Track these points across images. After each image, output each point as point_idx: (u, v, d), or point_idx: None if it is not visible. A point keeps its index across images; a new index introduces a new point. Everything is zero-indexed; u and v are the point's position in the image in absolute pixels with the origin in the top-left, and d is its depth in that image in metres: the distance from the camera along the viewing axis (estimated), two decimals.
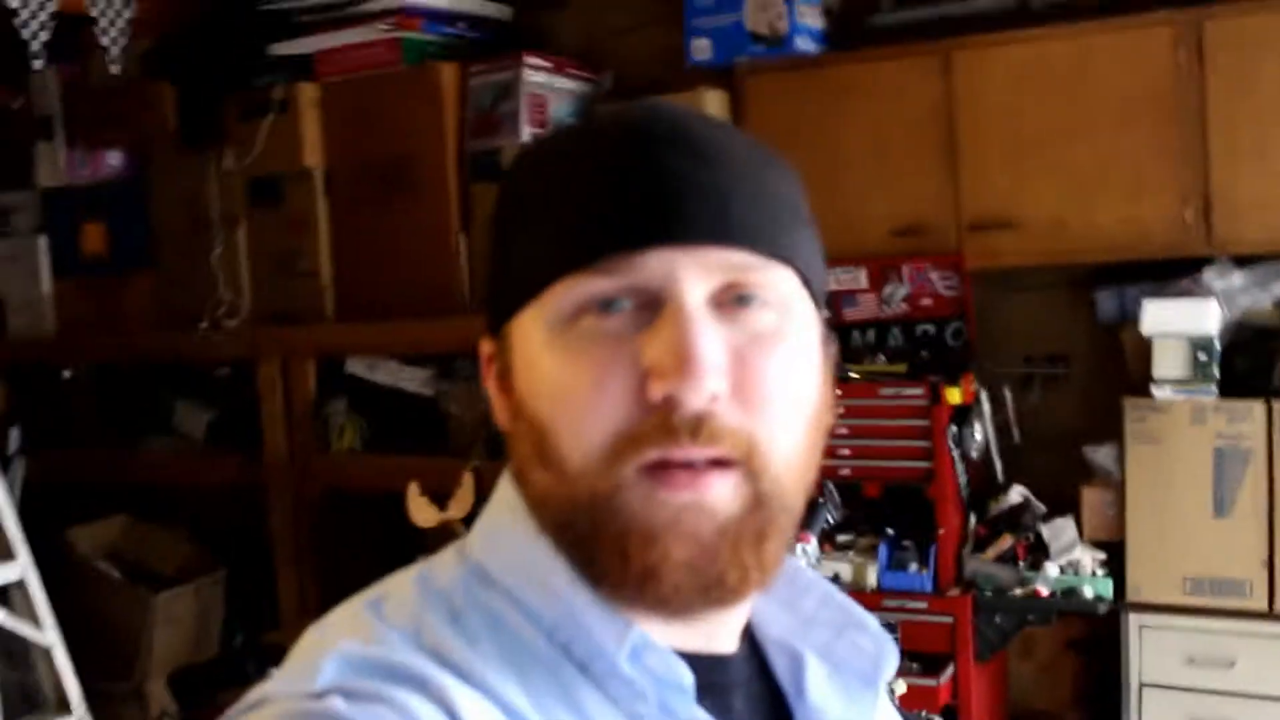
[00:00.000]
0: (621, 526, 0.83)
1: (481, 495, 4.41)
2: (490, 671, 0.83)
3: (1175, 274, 3.94)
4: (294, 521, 5.03)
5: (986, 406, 4.20)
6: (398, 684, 0.79)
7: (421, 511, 4.36)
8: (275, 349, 4.98)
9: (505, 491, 0.94)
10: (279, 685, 0.81)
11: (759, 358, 0.85)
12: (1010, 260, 4.19)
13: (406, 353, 4.93)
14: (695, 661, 0.86)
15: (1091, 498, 4.02)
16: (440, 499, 4.42)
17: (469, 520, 4.29)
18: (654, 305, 0.84)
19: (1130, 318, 3.92)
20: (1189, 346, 3.74)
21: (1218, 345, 3.73)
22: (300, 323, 4.98)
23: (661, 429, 0.81)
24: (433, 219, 4.72)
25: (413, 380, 4.92)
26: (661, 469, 0.82)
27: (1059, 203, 4.00)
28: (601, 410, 0.83)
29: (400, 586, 0.91)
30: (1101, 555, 3.96)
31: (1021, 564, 3.97)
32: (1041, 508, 4.13)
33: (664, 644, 0.86)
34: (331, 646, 0.82)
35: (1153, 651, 3.86)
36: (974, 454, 4.12)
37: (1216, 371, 3.72)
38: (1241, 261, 3.90)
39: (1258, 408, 3.68)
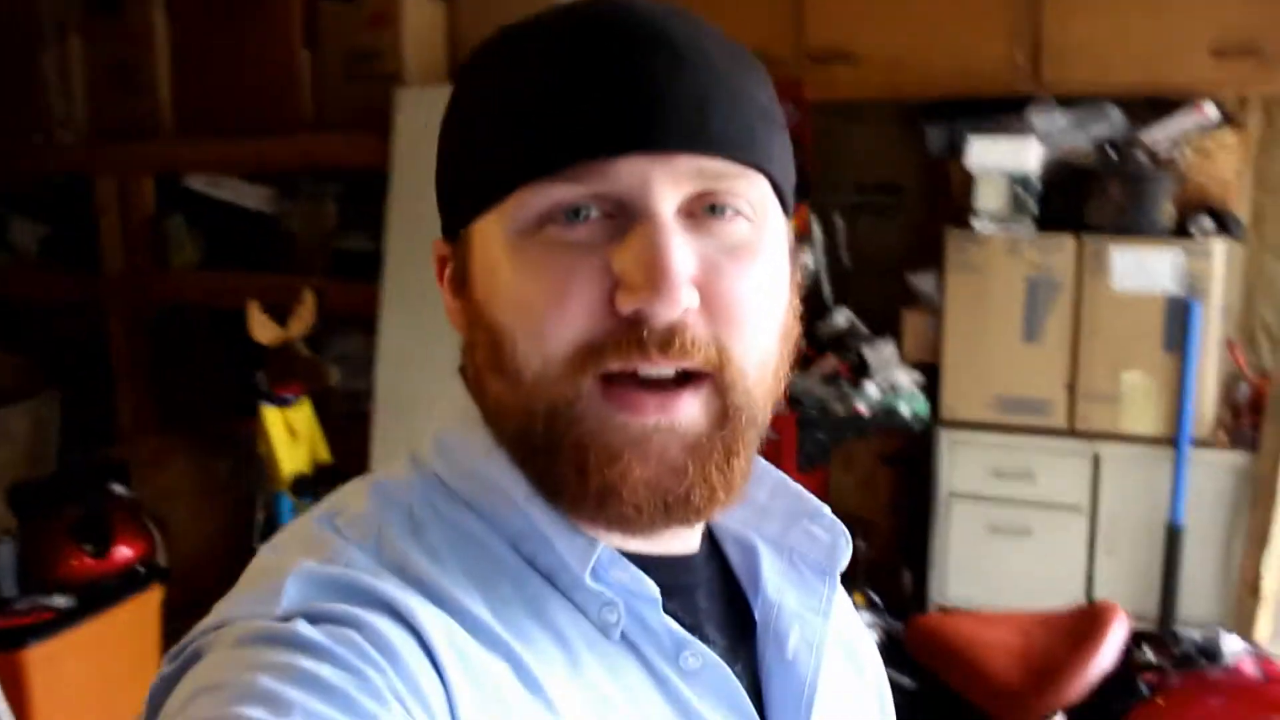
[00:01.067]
0: (578, 439, 0.81)
1: (323, 313, 4.45)
2: (455, 587, 0.81)
3: (1004, 112, 4.10)
4: (132, 338, 5.01)
5: (819, 234, 4.36)
6: (362, 605, 0.77)
7: (263, 329, 4.39)
8: (113, 164, 4.90)
9: (458, 399, 0.91)
10: (238, 608, 0.78)
11: (731, 269, 0.82)
12: (848, 93, 4.31)
13: (248, 170, 4.89)
14: (659, 564, 0.86)
15: (912, 322, 4.24)
16: (281, 316, 4.45)
17: (311, 339, 4.36)
18: (623, 214, 0.81)
19: (958, 152, 4.08)
20: (1009, 182, 3.92)
21: (1036, 182, 3.91)
22: (138, 138, 4.89)
23: (630, 342, 0.80)
24: (276, 35, 4.64)
25: (254, 197, 4.90)
26: (624, 387, 0.81)
27: (897, 39, 4.13)
28: (564, 319, 0.80)
29: (355, 498, 0.88)
30: (919, 376, 4.19)
31: (844, 383, 4.18)
32: (865, 330, 4.34)
33: (628, 548, 0.85)
34: (291, 566, 0.79)
35: (962, 465, 4.12)
36: (804, 279, 4.28)
37: (1034, 207, 3.91)
38: (1065, 103, 4.08)
39: (1069, 242, 3.90)
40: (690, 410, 0.82)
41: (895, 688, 1.10)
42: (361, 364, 4.54)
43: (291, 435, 4.44)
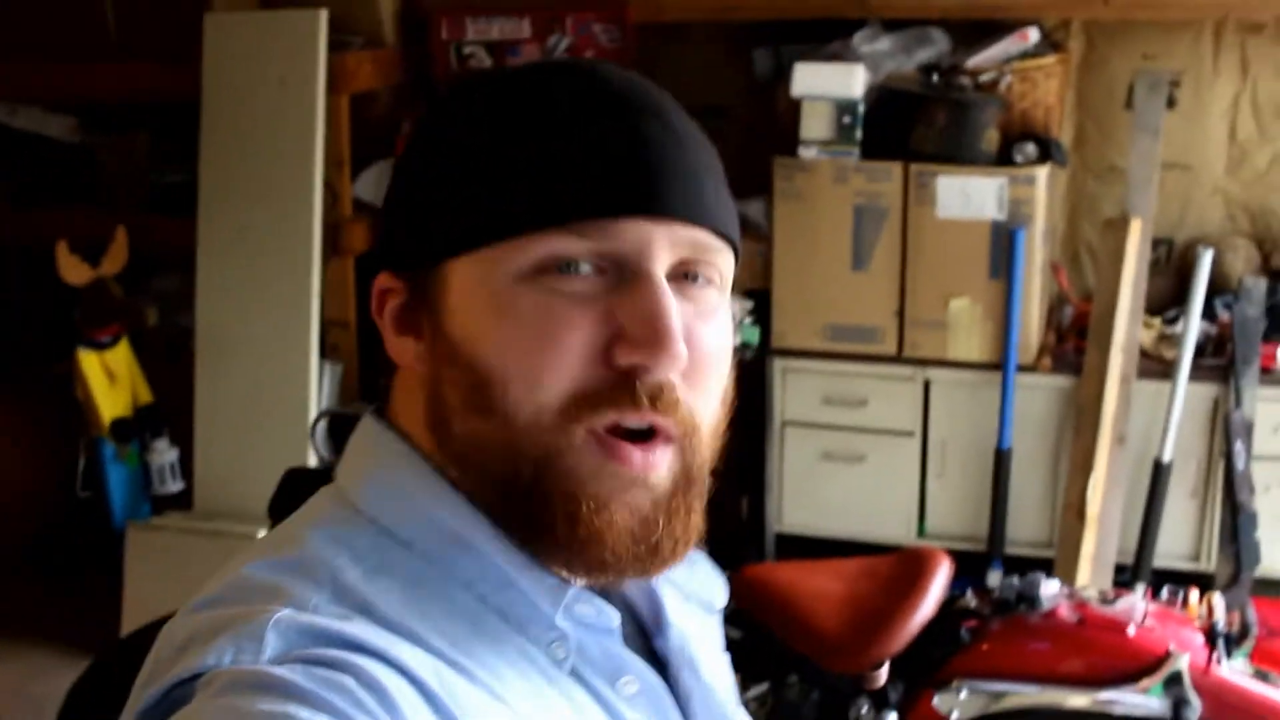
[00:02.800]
0: (572, 489, 0.84)
1: (138, 251, 4.27)
2: (417, 624, 0.82)
3: (829, 36, 4.05)
4: None
5: None
6: (349, 650, 0.77)
7: (73, 270, 4.20)
8: None
9: (386, 441, 0.92)
10: (219, 657, 0.76)
11: (704, 336, 0.87)
12: (673, 15, 4.23)
13: (50, 99, 4.64)
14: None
15: (742, 249, 4.19)
16: (93, 255, 4.26)
17: (123, 278, 4.18)
18: (617, 272, 0.84)
19: (785, 77, 4.02)
20: (835, 109, 3.88)
21: (862, 108, 3.88)
22: None
23: (622, 394, 0.83)
24: None
25: (57, 128, 4.66)
26: (611, 439, 0.84)
27: None
28: (561, 367, 0.83)
29: (290, 543, 0.87)
30: (749, 304, 4.17)
31: None
32: None
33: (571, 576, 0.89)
34: (264, 614, 0.78)
35: (794, 392, 4.13)
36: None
37: (859, 134, 3.88)
38: (890, 26, 4.04)
39: (896, 169, 3.88)
40: (662, 468, 0.86)
41: (725, 640, 1.13)
42: (180, 301, 4.38)
43: (110, 378, 4.29)
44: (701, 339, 0.87)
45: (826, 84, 3.87)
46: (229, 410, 4.12)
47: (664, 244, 0.85)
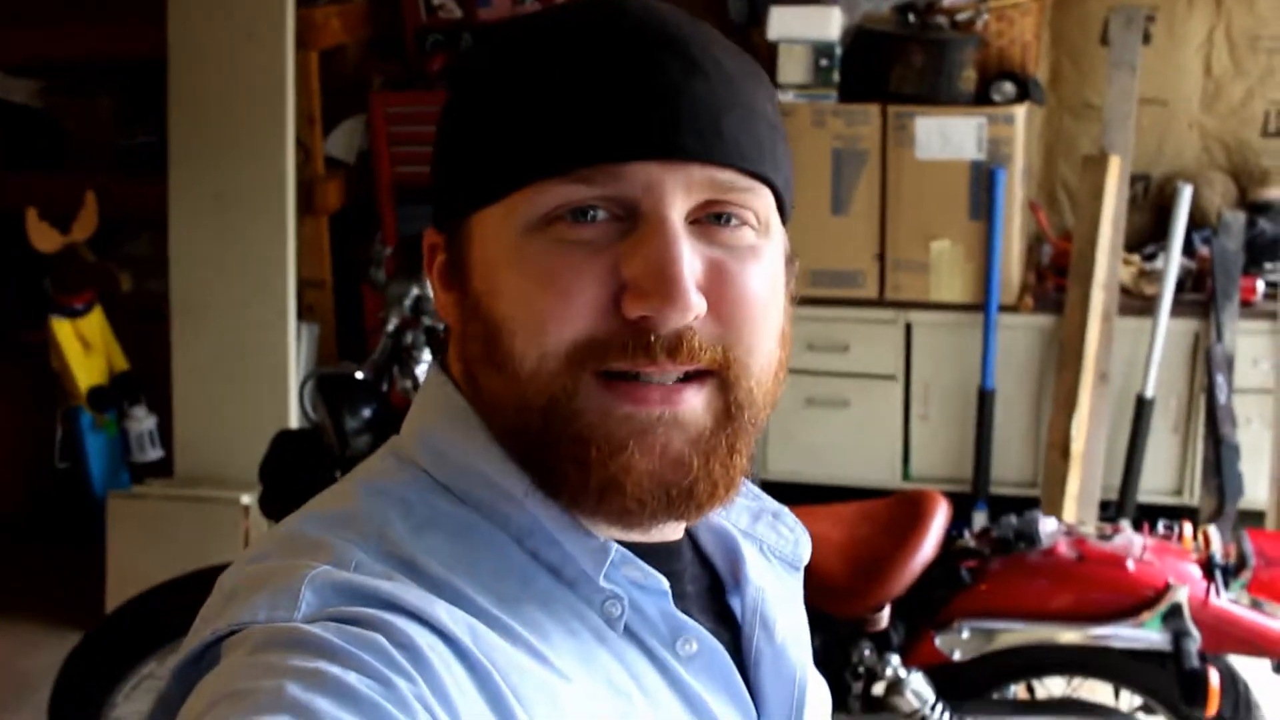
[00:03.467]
0: (578, 433, 0.81)
1: (108, 215, 4.22)
2: (465, 584, 0.81)
3: None
4: None
5: None
6: (384, 609, 0.76)
7: (43, 237, 4.14)
8: None
9: (444, 394, 0.90)
10: (252, 612, 0.76)
11: (736, 274, 0.83)
12: None
13: (12, 62, 4.56)
14: (649, 551, 0.87)
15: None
16: (63, 221, 4.20)
17: (94, 243, 4.13)
18: (632, 217, 0.81)
19: (760, 21, 4.00)
20: (812, 52, 3.86)
21: (838, 51, 3.86)
22: None
23: (636, 346, 0.80)
24: None
25: (21, 92, 4.58)
26: (624, 383, 0.81)
27: None
28: (567, 317, 0.80)
29: (342, 498, 0.87)
30: None
31: None
32: None
33: (623, 538, 0.86)
34: (302, 571, 0.78)
35: None
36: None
37: (836, 76, 3.87)
38: None
39: (874, 111, 3.87)
40: (694, 403, 0.82)
41: None
42: (154, 266, 4.32)
43: (85, 347, 4.25)
44: (737, 279, 0.83)
45: (803, 27, 3.85)
46: (207, 375, 4.08)
47: (677, 186, 0.81)
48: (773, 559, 1.00)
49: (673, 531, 0.92)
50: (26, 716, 3.59)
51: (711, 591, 0.96)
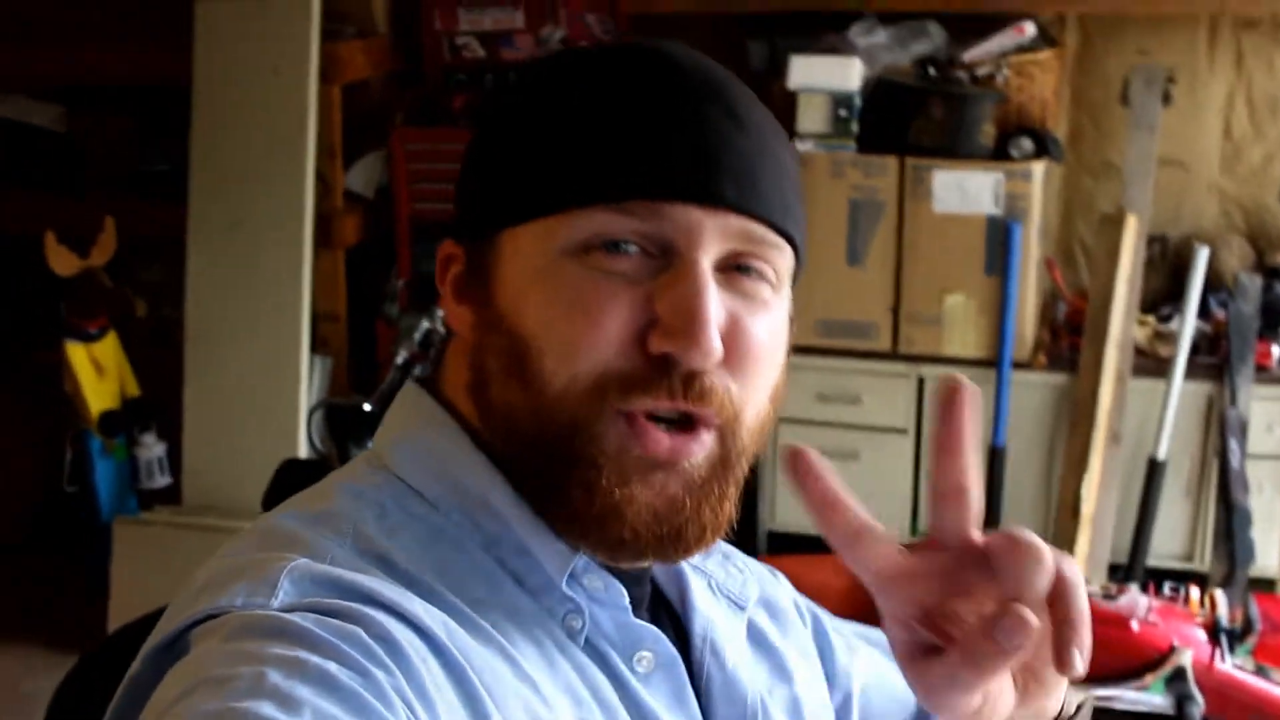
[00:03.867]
0: (593, 459, 0.84)
1: (126, 239, 4.23)
2: (435, 582, 0.83)
3: (825, 29, 4.03)
4: None
5: None
6: (362, 602, 0.77)
7: (61, 260, 4.16)
8: None
9: (420, 405, 0.94)
10: (229, 599, 0.77)
11: (748, 326, 0.87)
12: (667, 6, 4.22)
13: (34, 85, 4.60)
14: (612, 573, 0.89)
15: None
16: (80, 245, 4.22)
17: (112, 267, 4.14)
18: (663, 255, 0.85)
19: (780, 70, 4.01)
20: (831, 102, 3.86)
21: (858, 101, 3.87)
22: None
23: (655, 381, 0.83)
24: None
25: (42, 115, 4.61)
26: (641, 421, 0.84)
27: None
28: (596, 346, 0.83)
29: (319, 498, 0.89)
30: None
31: None
32: None
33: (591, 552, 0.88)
34: (280, 562, 0.79)
35: (788, 389, 4.10)
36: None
37: (855, 127, 3.87)
38: (885, 19, 4.02)
39: (892, 163, 3.87)
40: (698, 456, 0.86)
41: None
42: (169, 292, 4.34)
43: (98, 371, 4.25)
44: (748, 330, 0.86)
45: (823, 77, 3.85)
46: (218, 404, 4.09)
47: (713, 232, 0.84)
48: (720, 596, 1.02)
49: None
50: None
51: (666, 617, 0.98)
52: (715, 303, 0.84)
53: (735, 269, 0.87)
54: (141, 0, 4.31)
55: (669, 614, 0.99)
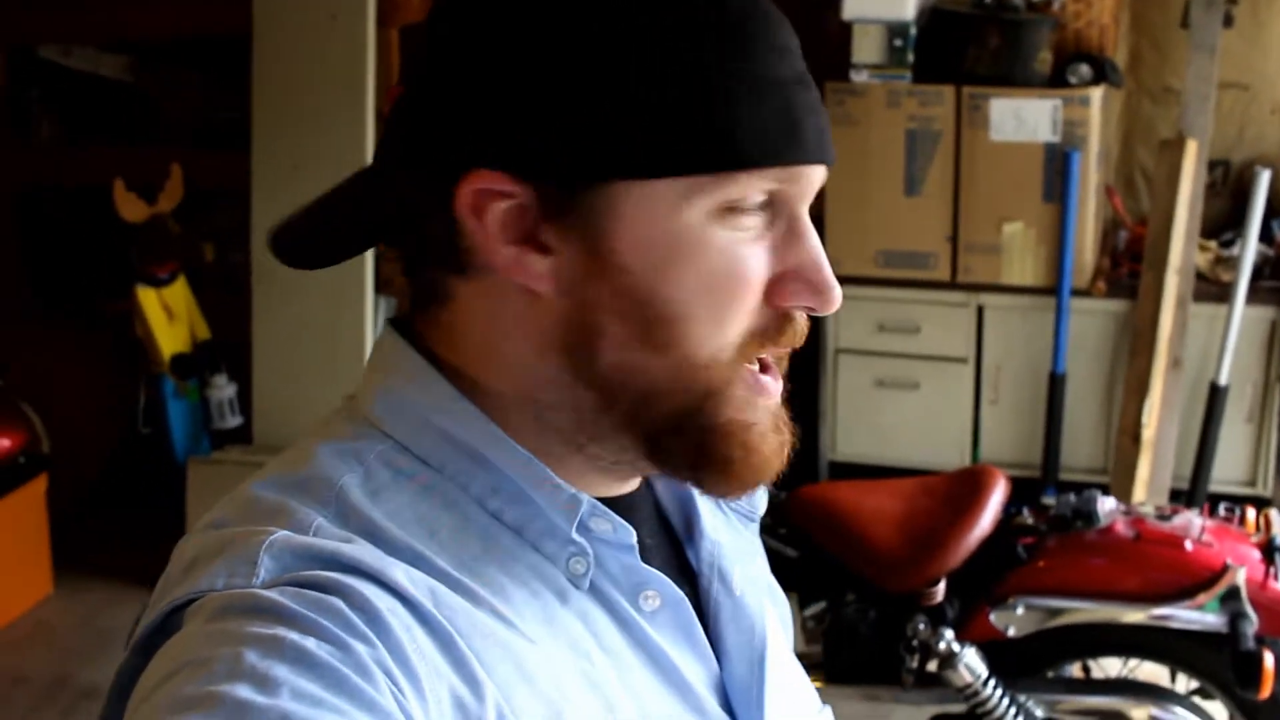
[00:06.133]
0: (744, 418, 0.85)
1: (193, 186, 4.31)
2: (424, 546, 0.80)
3: None
4: None
5: None
6: (344, 572, 0.75)
7: (130, 207, 4.24)
8: None
9: (402, 354, 0.88)
10: (210, 580, 0.75)
11: None
12: None
13: (104, 38, 4.68)
14: (611, 504, 0.87)
15: None
16: (149, 192, 4.30)
17: (180, 213, 4.23)
18: (774, 209, 0.83)
19: (835, 1, 3.99)
20: (886, 32, 3.85)
21: (913, 31, 3.85)
22: None
23: (783, 331, 0.85)
24: None
25: (112, 67, 4.69)
26: (755, 374, 0.85)
27: None
28: (744, 308, 0.83)
29: (299, 461, 0.85)
30: None
31: None
32: None
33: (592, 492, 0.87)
34: (260, 536, 0.77)
35: (847, 319, 4.13)
36: None
37: (911, 57, 3.86)
38: None
39: (948, 92, 3.86)
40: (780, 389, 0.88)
41: (779, 557, 1.13)
42: (236, 237, 4.42)
43: (169, 315, 4.34)
44: None
45: (878, 7, 3.84)
46: (285, 345, 4.16)
47: (817, 187, 0.86)
48: (728, 511, 1.01)
49: (632, 483, 0.92)
50: (108, 670, 3.71)
51: (669, 545, 0.96)
52: None
53: None
54: None
55: (673, 541, 0.97)
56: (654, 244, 0.80)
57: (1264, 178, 3.76)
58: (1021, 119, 3.79)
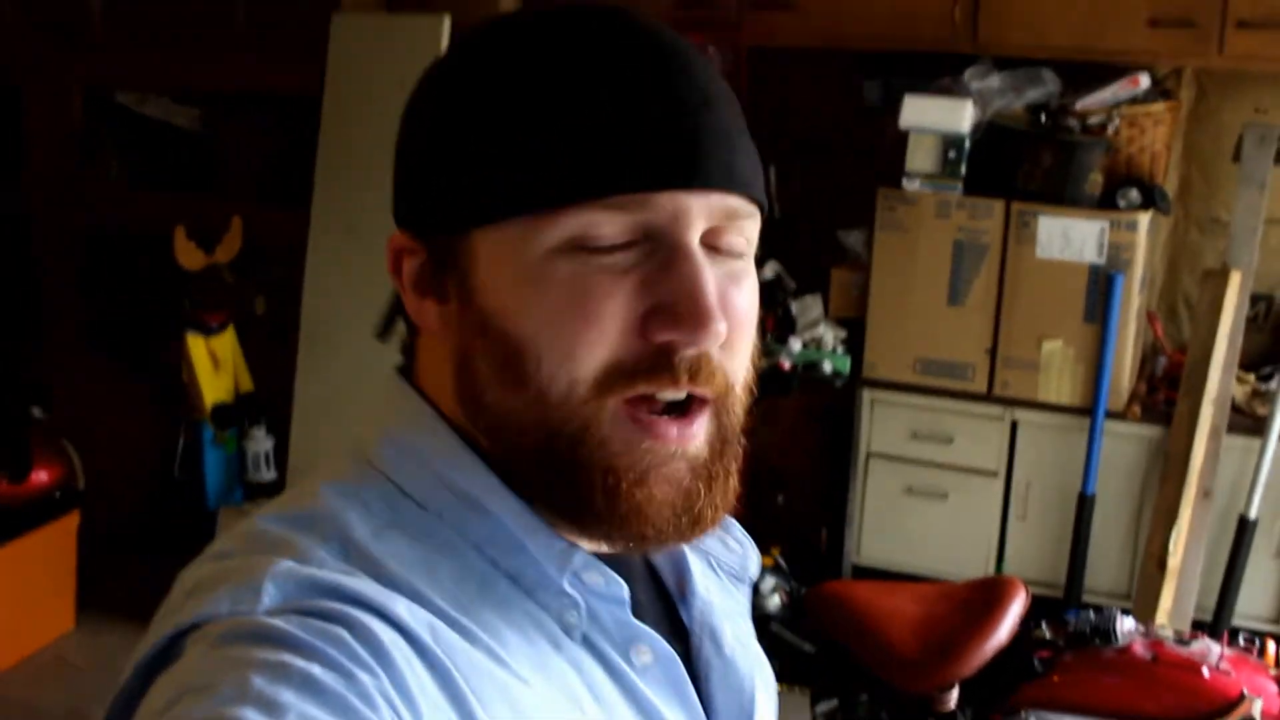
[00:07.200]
0: (608, 463, 0.83)
1: (250, 240, 4.40)
2: (425, 586, 0.82)
3: (940, 71, 4.08)
4: (59, 258, 4.92)
5: None
6: (347, 603, 0.76)
7: (188, 254, 4.34)
8: (41, 72, 4.78)
9: (406, 400, 0.92)
10: (214, 606, 0.76)
11: (735, 300, 0.86)
12: (786, 40, 4.27)
13: (178, 88, 4.80)
14: (608, 562, 0.88)
15: (840, 278, 4.24)
16: (208, 242, 4.39)
17: (235, 265, 4.31)
18: (650, 240, 0.83)
19: (893, 109, 4.05)
20: (941, 143, 3.91)
21: (968, 144, 3.90)
22: (68, 43, 4.76)
23: (660, 369, 0.82)
24: None
25: (183, 117, 4.81)
26: (645, 415, 0.83)
27: None
28: (598, 341, 0.82)
29: (304, 498, 0.87)
30: (843, 333, 4.20)
31: (769, 336, 4.19)
32: (792, 284, 4.34)
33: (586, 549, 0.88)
34: (265, 565, 0.78)
35: (881, 424, 4.14)
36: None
37: (964, 169, 3.91)
38: (1001, 64, 4.06)
39: (998, 206, 3.90)
40: (700, 437, 0.86)
41: (794, 651, 1.14)
42: (287, 292, 4.50)
43: (214, 364, 4.42)
44: (734, 304, 0.86)
45: (934, 117, 3.90)
46: (327, 402, 4.21)
47: (700, 214, 0.83)
48: (720, 572, 1.03)
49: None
50: None
51: (661, 603, 0.97)
52: (714, 284, 0.83)
53: (715, 242, 0.86)
54: (282, 13, 4.49)
55: (665, 599, 0.98)
56: (503, 284, 0.84)
57: None
58: (1069, 238, 3.82)
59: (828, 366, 4.13)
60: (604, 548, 0.90)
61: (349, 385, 4.17)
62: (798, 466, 4.51)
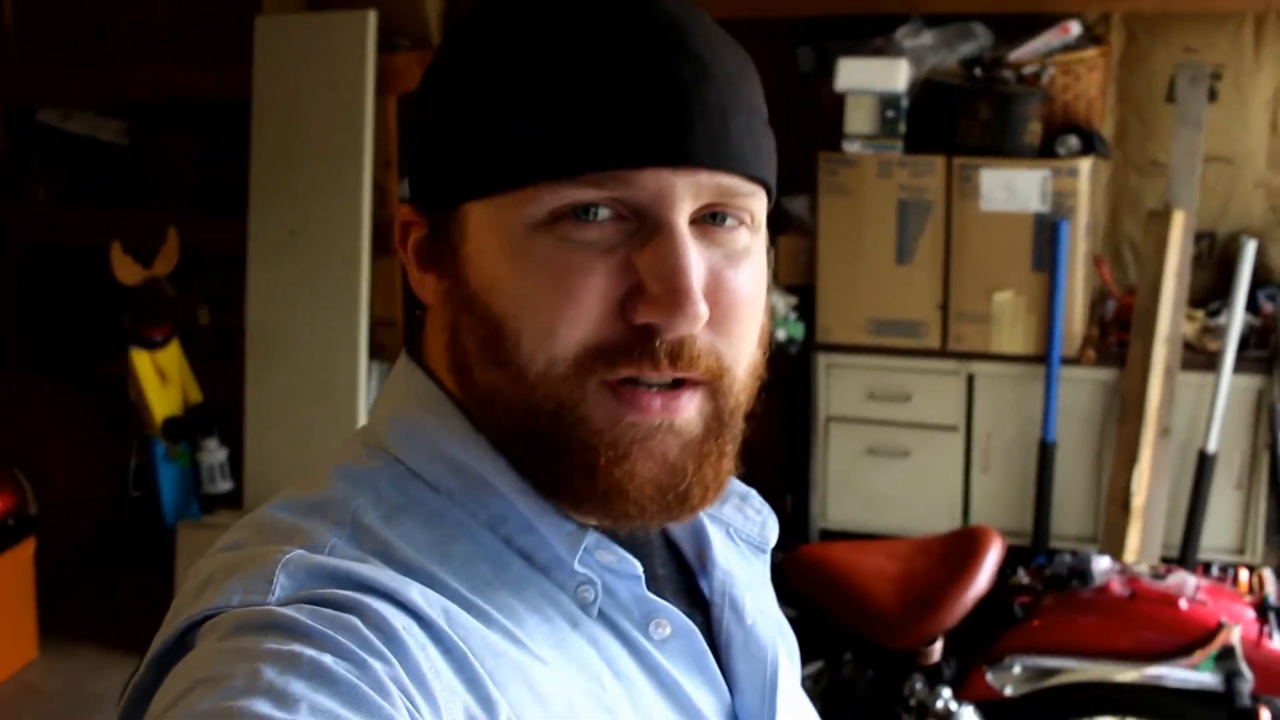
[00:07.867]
0: (587, 440, 0.82)
1: (188, 250, 4.34)
2: (439, 569, 0.81)
3: (872, 33, 4.09)
4: None
5: None
6: (359, 590, 0.76)
7: (126, 270, 4.26)
8: None
9: (416, 382, 0.91)
10: (227, 599, 0.76)
11: (732, 281, 0.83)
12: (716, 12, 4.18)
13: (102, 102, 4.72)
14: (622, 536, 0.88)
15: (787, 245, 4.24)
16: (145, 255, 4.32)
17: (175, 277, 4.24)
18: (637, 219, 0.81)
19: (828, 73, 4.06)
20: (878, 103, 3.92)
21: (905, 102, 3.91)
22: None
23: (640, 351, 0.80)
24: None
25: (109, 131, 4.73)
26: (628, 389, 0.81)
27: None
28: (576, 320, 0.80)
29: (315, 484, 0.86)
30: (794, 300, 4.21)
31: None
32: None
33: (597, 523, 0.86)
34: (277, 555, 0.78)
35: (839, 387, 4.15)
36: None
37: (903, 128, 3.92)
38: (931, 21, 4.07)
39: (939, 162, 3.91)
40: (690, 411, 0.84)
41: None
42: (230, 301, 4.44)
43: (162, 378, 4.35)
44: (730, 284, 0.83)
45: (870, 79, 3.90)
46: (278, 410, 4.17)
47: (686, 192, 0.81)
48: (739, 542, 1.01)
49: None
50: None
51: (681, 575, 0.97)
52: (697, 266, 0.80)
53: (709, 220, 0.83)
54: (203, 19, 4.43)
55: (685, 571, 0.97)
56: (487, 259, 0.84)
57: (1249, 248, 3.82)
58: (1012, 189, 3.84)
59: (781, 334, 4.14)
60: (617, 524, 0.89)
61: (299, 389, 4.13)
62: (757, 435, 4.49)
